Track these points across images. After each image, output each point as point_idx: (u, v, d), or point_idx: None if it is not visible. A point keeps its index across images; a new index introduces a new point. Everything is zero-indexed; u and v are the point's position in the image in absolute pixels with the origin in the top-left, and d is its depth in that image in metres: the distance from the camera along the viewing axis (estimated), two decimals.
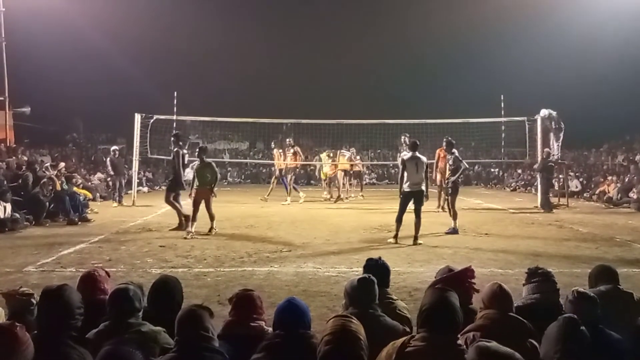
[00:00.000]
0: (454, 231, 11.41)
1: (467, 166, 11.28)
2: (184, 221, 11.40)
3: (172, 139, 12.50)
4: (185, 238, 10.51)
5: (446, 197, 12.40)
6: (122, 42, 30.31)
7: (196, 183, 11.28)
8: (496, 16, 30.99)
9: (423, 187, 10.33)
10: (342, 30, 37.38)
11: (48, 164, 16.84)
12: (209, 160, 11.79)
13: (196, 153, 12.01)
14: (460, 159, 12.09)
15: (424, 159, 10.46)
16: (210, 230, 11.13)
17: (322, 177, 20.46)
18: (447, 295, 3.07)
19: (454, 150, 12.25)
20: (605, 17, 24.33)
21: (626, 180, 18.97)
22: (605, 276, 4.12)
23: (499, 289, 3.41)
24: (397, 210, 10.37)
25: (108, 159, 18.45)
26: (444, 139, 12.67)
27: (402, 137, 16.66)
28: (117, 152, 18.19)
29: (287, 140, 18.44)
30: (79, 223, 12.92)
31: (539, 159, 17.13)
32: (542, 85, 29.33)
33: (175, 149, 12.04)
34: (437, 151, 15.18)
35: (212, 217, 11.21)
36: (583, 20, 27.37)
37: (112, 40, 30.04)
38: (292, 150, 17.68)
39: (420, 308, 3.09)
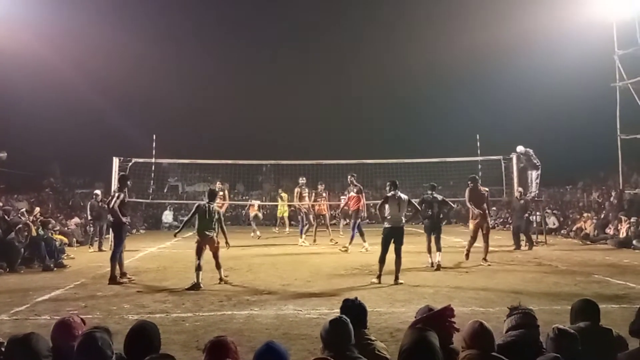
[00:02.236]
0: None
1: (420, 209, 11.77)
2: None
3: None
4: (189, 289, 9.68)
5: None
6: (99, 86, 30.41)
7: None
8: (471, 57, 31.75)
9: (403, 225, 10.51)
10: (319, 71, 37.92)
11: (23, 209, 16.55)
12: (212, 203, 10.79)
13: (206, 196, 11.16)
14: (426, 200, 12.42)
15: (405, 197, 10.63)
16: (220, 279, 10.42)
17: (279, 214, 21.67)
18: (426, 335, 3.05)
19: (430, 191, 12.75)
20: (578, 56, 25.02)
21: (602, 216, 19.25)
22: (585, 312, 4.13)
23: (480, 327, 3.38)
24: (380, 250, 10.39)
25: (89, 203, 17.97)
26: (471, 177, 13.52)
27: (349, 177, 16.57)
28: (99, 196, 17.73)
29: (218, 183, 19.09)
30: (55, 269, 12.64)
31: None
32: (516, 124, 29.89)
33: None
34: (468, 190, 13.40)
35: (218, 266, 10.49)
36: (557, 61, 28.18)
37: (89, 84, 30.08)
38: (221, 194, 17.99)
39: (400, 349, 3.07)
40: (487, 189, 13.86)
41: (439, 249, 12.26)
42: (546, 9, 26.28)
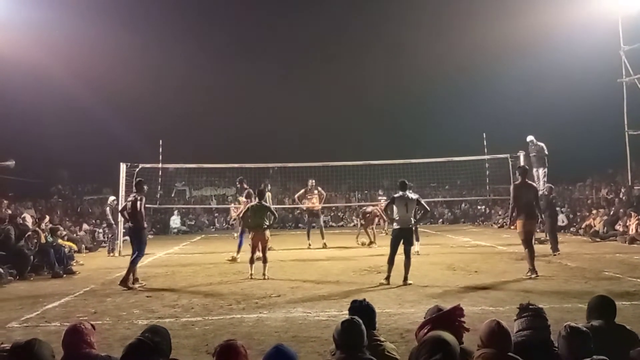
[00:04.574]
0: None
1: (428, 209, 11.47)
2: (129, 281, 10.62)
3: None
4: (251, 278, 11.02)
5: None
6: (104, 92, 30.46)
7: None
8: (476, 55, 31.65)
9: (412, 226, 10.47)
10: (324, 72, 37.85)
11: (24, 215, 16.63)
12: (265, 203, 12.15)
13: (255, 196, 12.33)
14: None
15: (414, 197, 10.55)
16: (263, 274, 11.17)
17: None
18: (442, 334, 3.05)
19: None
20: (584, 52, 24.92)
21: (611, 213, 19.13)
22: (600, 309, 4.09)
23: (497, 327, 3.34)
24: (389, 251, 10.35)
25: (108, 208, 17.90)
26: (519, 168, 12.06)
27: (237, 181, 15.84)
28: (115, 202, 17.77)
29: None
30: (64, 276, 12.67)
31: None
32: (523, 121, 29.69)
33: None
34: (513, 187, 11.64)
35: (265, 261, 11.39)
36: (564, 57, 28.03)
37: (95, 92, 30.17)
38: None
39: (413, 350, 3.04)
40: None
41: (417, 239, 13.38)
42: (551, 6, 26.18)
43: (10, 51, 22.23)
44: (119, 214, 12.10)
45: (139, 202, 10.99)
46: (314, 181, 18.01)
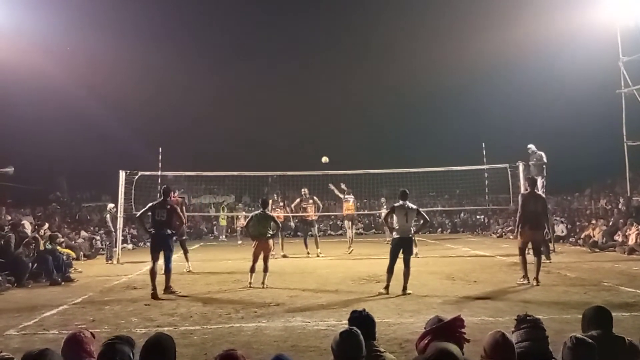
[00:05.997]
0: None
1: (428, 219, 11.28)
2: None
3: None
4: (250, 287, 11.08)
5: None
6: (104, 100, 30.52)
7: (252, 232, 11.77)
8: (475, 65, 31.76)
9: (412, 235, 10.48)
10: (323, 80, 37.93)
11: (23, 222, 16.61)
12: (268, 212, 12.05)
13: (260, 205, 12.11)
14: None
15: (414, 207, 10.55)
16: (262, 283, 11.21)
17: (222, 223, 24.94)
18: (447, 346, 3.05)
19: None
20: (583, 63, 25.01)
21: (610, 223, 19.12)
22: (598, 320, 4.07)
23: (502, 338, 3.33)
24: (388, 260, 10.33)
25: (108, 215, 17.80)
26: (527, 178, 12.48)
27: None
28: (114, 209, 17.75)
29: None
30: (63, 283, 12.63)
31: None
32: (522, 132, 29.77)
33: None
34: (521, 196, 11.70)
35: (265, 270, 11.44)
36: (562, 68, 28.12)
37: (95, 99, 30.22)
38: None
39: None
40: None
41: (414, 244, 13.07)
42: (550, 16, 26.30)
43: (10, 57, 22.25)
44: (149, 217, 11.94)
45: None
46: (306, 190, 18.11)
